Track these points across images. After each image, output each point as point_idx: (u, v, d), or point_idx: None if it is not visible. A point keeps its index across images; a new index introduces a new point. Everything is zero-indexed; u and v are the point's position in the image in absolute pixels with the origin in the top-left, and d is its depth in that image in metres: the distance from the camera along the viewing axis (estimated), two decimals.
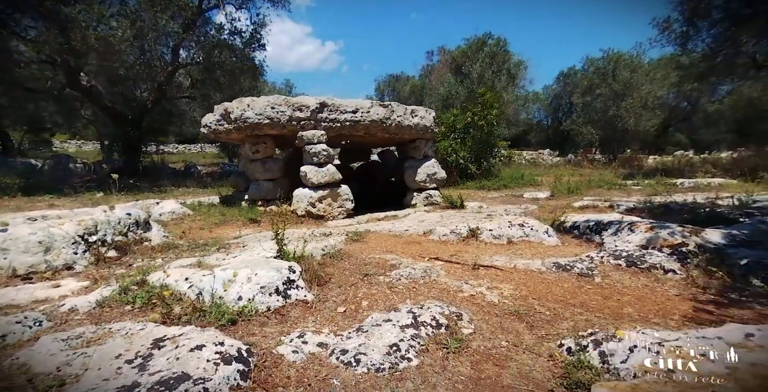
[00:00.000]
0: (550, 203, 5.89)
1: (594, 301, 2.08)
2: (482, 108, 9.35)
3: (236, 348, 1.26)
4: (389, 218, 5.33)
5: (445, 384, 1.33)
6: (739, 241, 2.38)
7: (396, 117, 5.76)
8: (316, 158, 5.00)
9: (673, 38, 9.17)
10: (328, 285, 2.20)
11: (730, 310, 1.84)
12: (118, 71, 10.44)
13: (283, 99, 4.94)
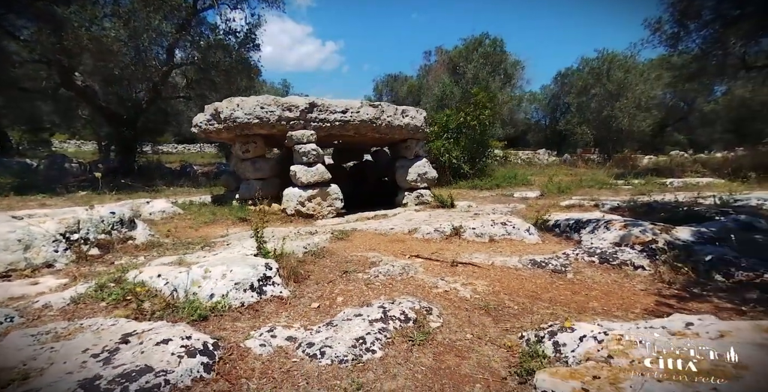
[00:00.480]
0: (539, 202, 5.96)
1: (563, 296, 2.15)
2: (475, 108, 9.41)
3: (202, 342, 1.31)
4: (379, 217, 5.39)
5: (405, 374, 1.38)
6: (706, 238, 2.45)
7: (386, 117, 5.81)
8: (306, 158, 5.05)
9: (664, 39, 9.27)
10: (305, 282, 2.26)
11: (690, 304, 1.90)
12: (113, 71, 10.44)
13: (273, 99, 4.99)
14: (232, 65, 12.07)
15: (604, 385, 1.06)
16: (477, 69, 14.76)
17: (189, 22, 11.47)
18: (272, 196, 5.62)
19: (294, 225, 4.58)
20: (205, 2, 11.93)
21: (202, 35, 12.11)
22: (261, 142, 5.40)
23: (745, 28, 7.79)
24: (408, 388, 1.30)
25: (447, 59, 19.96)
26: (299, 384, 1.26)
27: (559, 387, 1.07)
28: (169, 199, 5.94)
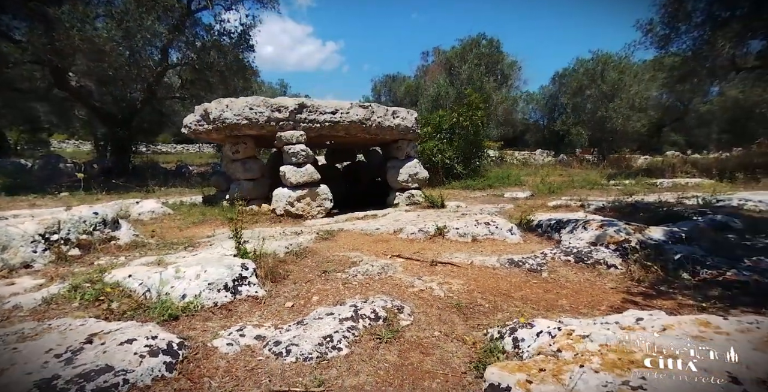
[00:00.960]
0: (528, 202, 6.01)
1: (534, 294, 2.19)
2: (468, 109, 9.47)
3: (167, 341, 1.34)
4: (369, 217, 5.42)
5: (368, 371, 1.42)
6: (677, 238, 2.50)
7: (376, 118, 5.85)
8: (295, 158, 5.09)
9: (655, 41, 9.36)
10: (283, 282, 2.29)
11: (655, 301, 1.95)
12: (107, 71, 10.44)
13: (262, 100, 5.02)
14: (227, 66, 12.10)
15: (547, 377, 1.11)
16: (471, 69, 14.83)
17: (183, 22, 11.50)
18: (263, 197, 5.66)
19: (282, 226, 4.61)
20: (199, 3, 11.97)
21: (197, 36, 12.14)
22: (251, 143, 5.43)
23: (734, 30, 7.87)
24: (369, 384, 1.34)
25: (444, 60, 20.05)
26: (262, 382, 1.29)
27: (506, 380, 1.12)
28: (160, 200, 5.96)
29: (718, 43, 7.84)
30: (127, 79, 11.72)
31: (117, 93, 12.40)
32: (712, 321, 1.23)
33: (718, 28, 8.08)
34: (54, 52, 6.84)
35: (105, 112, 12.26)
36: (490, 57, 19.78)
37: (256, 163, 5.53)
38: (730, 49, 7.81)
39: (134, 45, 9.37)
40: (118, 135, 12.33)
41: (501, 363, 1.23)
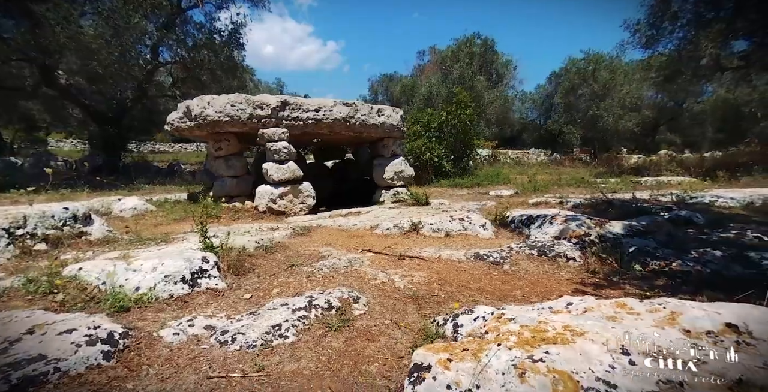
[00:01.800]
0: (510, 200, 6.08)
1: (491, 285, 2.24)
2: (457, 107, 9.53)
3: (109, 331, 1.37)
4: (352, 214, 5.46)
5: (310, 357, 1.46)
6: (635, 232, 2.56)
7: (360, 116, 5.89)
8: (277, 155, 5.11)
9: (642, 41, 9.46)
10: (247, 275, 2.33)
11: (604, 290, 2.01)
12: (96, 69, 10.41)
13: (244, 97, 5.04)
14: (218, 64, 12.09)
15: (467, 355, 1.16)
16: (462, 69, 14.89)
17: (174, 20, 11.47)
18: (246, 194, 5.68)
19: (264, 222, 4.64)
20: (190, 1, 11.94)
21: (187, 34, 12.11)
22: (234, 140, 5.45)
23: (716, 30, 7.98)
24: (308, 369, 1.38)
25: (440, 59, 20.12)
26: (201, 369, 1.33)
27: (428, 359, 1.17)
28: (144, 197, 5.97)
29: (701, 44, 7.94)
30: (117, 77, 11.68)
31: (107, 91, 12.35)
32: (628, 304, 1.29)
33: (701, 28, 8.19)
34: (39, 49, 6.82)
35: (95, 110, 12.21)
36: (484, 56, 19.87)
37: (239, 161, 5.56)
38: (713, 49, 7.91)
39: (123, 43, 9.36)
40: (109, 133, 12.28)
41: (430, 345, 1.28)
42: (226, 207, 5.37)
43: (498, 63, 22.32)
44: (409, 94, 21.59)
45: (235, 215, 5.10)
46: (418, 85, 17.21)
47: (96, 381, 1.18)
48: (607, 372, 1.00)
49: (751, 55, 8.53)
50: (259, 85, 31.63)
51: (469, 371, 1.12)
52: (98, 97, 12.74)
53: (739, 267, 2.04)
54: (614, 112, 16.05)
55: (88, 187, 8.04)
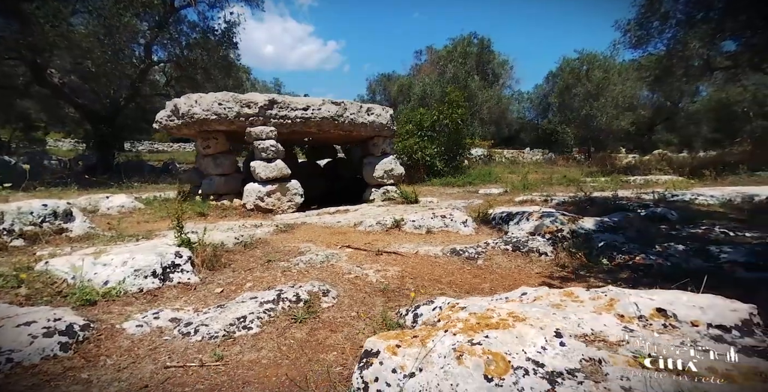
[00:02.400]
0: (498, 198, 6.12)
1: (462, 279, 2.29)
2: (448, 107, 9.57)
3: (68, 323, 1.40)
4: (341, 212, 5.50)
5: (271, 347, 1.50)
6: (606, 227, 2.62)
7: (349, 115, 5.92)
8: (265, 154, 5.14)
9: (633, 41, 9.54)
10: (222, 270, 2.36)
11: (569, 283, 2.06)
12: (89, 68, 10.39)
13: (231, 95, 5.07)
14: (211, 63, 12.09)
15: (415, 341, 1.20)
16: (456, 68, 14.95)
17: (167, 19, 11.46)
18: (235, 192, 5.71)
19: (251, 220, 4.67)
20: (184, 0, 11.92)
21: (181, 33, 12.10)
22: (222, 139, 5.47)
23: (704, 31, 8.06)
24: (267, 358, 1.42)
25: (437, 58, 20.17)
26: (160, 359, 1.36)
27: (377, 346, 1.21)
28: (133, 195, 5.98)
29: (690, 44, 8.03)
30: (110, 75, 11.67)
31: (100, 90, 12.32)
32: (575, 292, 1.33)
33: (690, 28, 8.27)
34: (28, 48, 6.81)
35: (88, 109, 12.19)
36: (481, 56, 19.94)
37: (227, 159, 5.58)
38: (702, 49, 7.99)
39: (116, 42, 9.35)
40: (102, 132, 12.26)
41: (383, 333, 1.32)
42: (214, 205, 5.40)
43: (494, 63, 22.39)
44: (406, 94, 21.62)
45: (222, 213, 5.13)
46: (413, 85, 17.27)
47: (50, 371, 1.21)
48: (538, 352, 1.05)
49: (740, 55, 8.63)
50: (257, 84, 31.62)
51: (415, 356, 1.16)
52: (92, 96, 12.72)
53: (699, 261, 2.09)
54: (607, 111, 16.14)
55: (78, 185, 8.03)
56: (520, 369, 1.02)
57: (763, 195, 3.89)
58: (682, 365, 0.91)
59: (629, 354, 0.98)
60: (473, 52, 18.70)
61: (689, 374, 0.88)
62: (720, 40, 8.37)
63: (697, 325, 1.08)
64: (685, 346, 1.00)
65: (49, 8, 6.37)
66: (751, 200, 3.86)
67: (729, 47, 8.90)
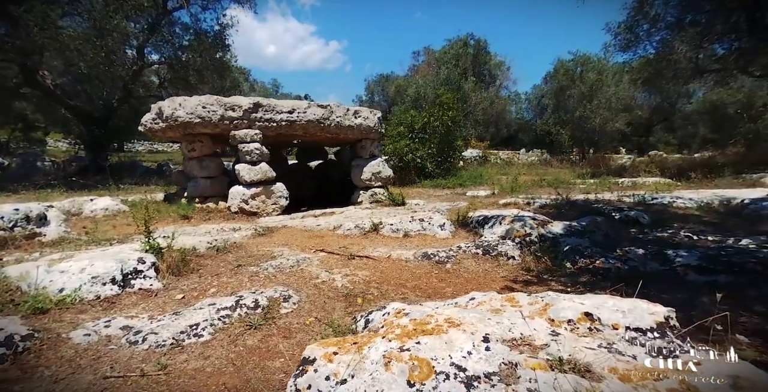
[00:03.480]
0: (483, 200, 6.15)
1: (427, 284, 2.30)
2: (439, 109, 9.61)
3: (9, 333, 1.39)
4: (326, 214, 5.51)
5: (219, 354, 1.50)
6: (573, 231, 2.64)
7: (335, 117, 5.94)
8: (249, 157, 5.15)
9: (623, 45, 9.60)
10: (189, 275, 2.37)
11: (531, 287, 2.08)
12: (82, 70, 10.39)
13: (216, 98, 5.08)
14: (204, 65, 12.10)
15: (353, 348, 1.22)
16: (449, 70, 15.00)
17: (160, 21, 11.47)
18: (221, 195, 5.70)
19: (233, 223, 4.67)
20: (177, 2, 11.94)
21: (174, 35, 12.12)
22: (208, 141, 5.48)
23: (693, 34, 8.13)
24: (212, 366, 1.42)
25: (433, 59, 20.24)
26: (101, 369, 1.36)
27: (314, 353, 1.22)
28: (119, 197, 5.98)
29: (677, 48, 8.09)
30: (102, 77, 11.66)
31: (92, 91, 12.31)
32: (516, 297, 1.36)
33: (679, 32, 8.33)
34: (16, 50, 6.81)
35: (80, 111, 12.18)
36: (477, 57, 20.01)
37: (213, 161, 5.58)
38: (689, 52, 8.05)
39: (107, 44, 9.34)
40: (95, 133, 12.26)
41: (324, 340, 1.34)
42: (199, 207, 5.40)
43: (491, 64, 22.47)
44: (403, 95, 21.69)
45: (207, 216, 5.13)
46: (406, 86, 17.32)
47: None
48: (463, 357, 1.08)
49: (727, 58, 8.70)
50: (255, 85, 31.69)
51: (348, 362, 1.18)
52: (84, 98, 12.71)
53: (656, 264, 2.12)
54: (601, 113, 16.21)
55: (66, 187, 8.03)
56: (441, 374, 1.05)
57: (739, 198, 3.92)
58: (588, 366, 0.94)
59: (546, 358, 1.00)
60: (469, 54, 18.77)
61: (592, 375, 0.91)
62: (708, 43, 8.43)
63: (617, 328, 1.11)
64: (601, 348, 1.03)
65: (37, 11, 6.37)
66: (728, 203, 3.89)
67: (717, 50, 8.97)
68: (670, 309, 1.13)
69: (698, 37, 8.27)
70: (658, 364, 0.94)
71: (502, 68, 25.05)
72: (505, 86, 26.59)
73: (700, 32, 8.13)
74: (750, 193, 4.23)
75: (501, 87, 25.55)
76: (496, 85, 24.89)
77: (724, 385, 0.83)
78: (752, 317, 1.56)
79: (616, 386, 0.90)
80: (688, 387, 0.86)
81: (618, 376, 0.93)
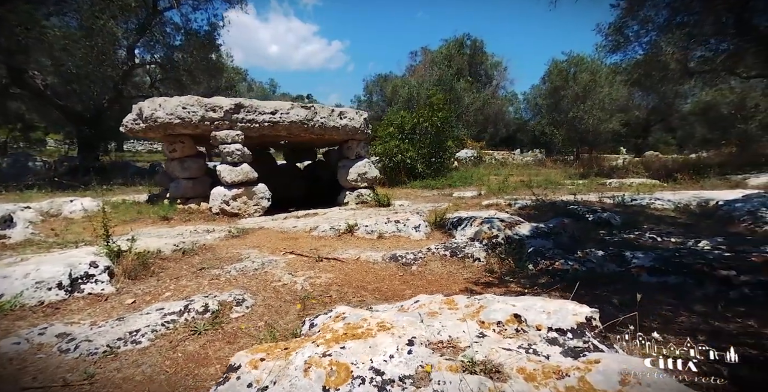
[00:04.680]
0: (468, 201, 6.14)
1: (388, 286, 2.28)
2: (429, 110, 9.60)
3: None
4: (310, 215, 5.48)
5: (154, 362, 1.46)
6: (540, 233, 2.62)
7: (319, 119, 5.91)
8: (230, 157, 5.12)
9: (611, 46, 9.63)
10: (147, 279, 2.34)
11: (490, 288, 2.06)
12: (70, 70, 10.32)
13: (196, 99, 5.05)
14: (195, 65, 12.07)
15: (281, 354, 1.20)
16: (442, 71, 15.01)
17: (150, 21, 11.43)
18: (203, 196, 5.66)
19: (208, 225, 4.64)
20: (168, 2, 11.90)
21: (164, 35, 12.07)
22: (189, 142, 5.45)
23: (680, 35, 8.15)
24: (143, 374, 1.39)
25: (431, 60, 20.25)
26: (22, 380, 1.31)
27: (239, 360, 1.20)
28: (102, 198, 5.94)
29: (664, 50, 8.11)
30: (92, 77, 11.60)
31: (82, 92, 12.25)
32: (456, 300, 1.35)
33: (666, 33, 8.36)
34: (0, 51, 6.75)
35: (71, 111, 12.12)
36: (473, 57, 20.03)
37: (195, 162, 5.55)
38: (676, 53, 8.07)
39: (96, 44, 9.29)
40: (85, 133, 12.21)
41: (256, 346, 1.32)
42: (180, 208, 5.37)
43: (487, 64, 22.49)
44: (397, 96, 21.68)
45: (187, 217, 5.10)
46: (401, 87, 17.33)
47: None
48: (384, 361, 1.07)
49: (715, 59, 8.73)
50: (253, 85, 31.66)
51: (274, 369, 1.16)
52: (74, 98, 12.65)
53: (613, 266, 2.11)
54: (594, 114, 16.27)
55: (52, 187, 7.97)
56: (358, 379, 1.04)
57: (717, 199, 3.92)
58: (499, 367, 0.94)
59: (462, 360, 1.00)
60: (465, 54, 18.80)
61: (500, 375, 0.92)
62: (696, 45, 8.46)
63: (540, 329, 1.10)
64: (520, 349, 1.02)
65: (21, 11, 6.32)
66: (706, 204, 3.88)
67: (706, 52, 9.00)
68: (593, 310, 1.13)
69: (686, 39, 8.30)
70: (565, 363, 0.93)
71: (498, 68, 25.07)
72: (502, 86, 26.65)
73: (688, 33, 8.16)
74: (729, 194, 4.23)
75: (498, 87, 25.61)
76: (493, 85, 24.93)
77: (613, 381, 0.86)
78: (690, 316, 1.56)
79: (520, 385, 0.91)
80: (584, 384, 0.87)
81: (524, 376, 0.93)
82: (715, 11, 7.91)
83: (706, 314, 1.57)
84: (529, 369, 0.96)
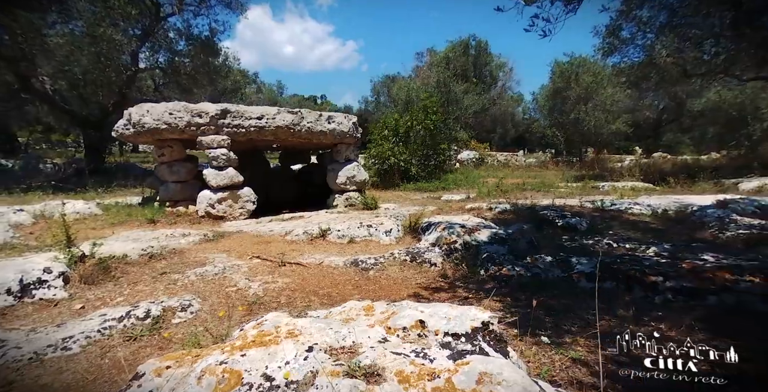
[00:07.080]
0: (453, 205, 6.13)
1: (339, 291, 2.32)
2: (422, 113, 9.62)
3: None
4: (294, 219, 5.55)
5: (78, 369, 1.50)
6: (497, 239, 2.62)
7: (306, 123, 5.99)
8: (216, 162, 5.23)
9: (606, 49, 9.53)
10: (105, 284, 2.40)
11: (437, 294, 2.09)
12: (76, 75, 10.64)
13: (183, 105, 5.17)
14: (196, 69, 12.33)
15: (189, 361, 1.24)
16: (439, 73, 15.01)
17: (154, 28, 11.73)
18: (191, 199, 5.78)
19: (196, 227, 4.74)
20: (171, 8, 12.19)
21: (167, 41, 12.37)
22: (178, 146, 5.57)
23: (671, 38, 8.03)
24: (61, 381, 1.43)
25: (435, 61, 20.26)
26: None
27: (144, 368, 1.25)
28: (96, 200, 6.10)
29: (659, 51, 8.00)
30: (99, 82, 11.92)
31: (87, 96, 12.60)
32: (374, 306, 1.39)
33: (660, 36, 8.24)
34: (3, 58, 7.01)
35: (77, 115, 12.49)
36: (478, 58, 19.96)
37: (184, 166, 5.67)
38: (668, 57, 7.96)
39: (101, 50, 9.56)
40: (91, 137, 12.57)
41: (169, 353, 1.36)
42: (169, 211, 5.49)
43: (492, 65, 22.38)
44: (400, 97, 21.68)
45: (174, 219, 5.21)
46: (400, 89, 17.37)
47: None
48: (279, 367, 1.11)
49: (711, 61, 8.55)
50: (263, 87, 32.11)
51: (176, 376, 1.20)
52: (80, 102, 13.02)
53: (558, 271, 2.10)
54: (596, 115, 16.07)
55: (53, 189, 8.22)
56: (246, 386, 1.08)
57: (697, 205, 3.84)
58: (381, 371, 0.98)
59: (350, 365, 1.04)
60: (469, 54, 18.76)
61: (377, 378, 0.96)
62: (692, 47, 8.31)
63: (437, 334, 1.14)
64: (412, 353, 1.06)
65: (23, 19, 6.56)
66: (684, 210, 3.81)
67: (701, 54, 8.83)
68: (492, 315, 1.17)
69: (681, 41, 8.17)
70: (444, 365, 0.97)
71: (504, 69, 24.90)
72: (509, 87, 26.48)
73: (683, 35, 8.03)
74: (711, 198, 4.14)
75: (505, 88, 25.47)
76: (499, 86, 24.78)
77: (471, 381, 0.92)
78: (610, 320, 1.57)
79: (393, 387, 0.97)
80: (449, 384, 0.91)
81: (399, 378, 0.98)
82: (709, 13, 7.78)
83: (625, 318, 1.57)
84: (407, 372, 1.00)
